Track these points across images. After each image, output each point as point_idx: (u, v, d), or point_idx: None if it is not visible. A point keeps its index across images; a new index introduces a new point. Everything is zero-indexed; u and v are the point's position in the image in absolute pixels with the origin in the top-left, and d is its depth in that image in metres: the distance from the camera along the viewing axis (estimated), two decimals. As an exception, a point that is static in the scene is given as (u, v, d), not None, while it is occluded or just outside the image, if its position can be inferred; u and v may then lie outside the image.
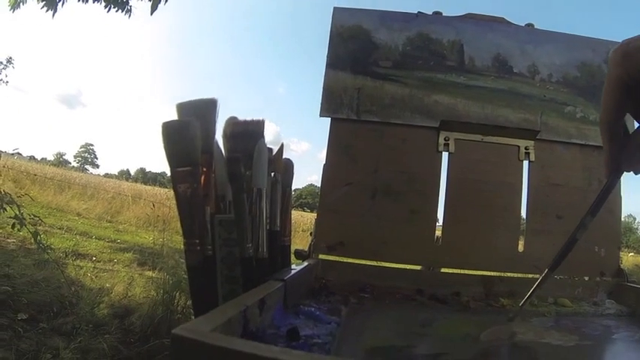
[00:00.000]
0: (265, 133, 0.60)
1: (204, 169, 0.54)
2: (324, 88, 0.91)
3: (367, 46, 0.92)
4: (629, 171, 0.41)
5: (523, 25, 0.92)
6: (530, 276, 0.84)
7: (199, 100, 0.57)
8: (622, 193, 0.86)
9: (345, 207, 0.89)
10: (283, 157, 0.68)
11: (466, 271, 0.87)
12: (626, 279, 0.84)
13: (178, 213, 0.53)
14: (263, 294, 0.45)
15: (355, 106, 0.90)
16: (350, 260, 0.92)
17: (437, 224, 0.88)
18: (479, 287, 0.82)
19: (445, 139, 0.88)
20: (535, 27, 0.92)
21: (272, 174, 0.64)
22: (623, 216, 0.86)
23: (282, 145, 0.65)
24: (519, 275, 0.85)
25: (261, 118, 0.61)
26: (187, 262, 0.54)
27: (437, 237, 0.88)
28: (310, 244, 0.89)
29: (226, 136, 0.61)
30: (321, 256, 0.88)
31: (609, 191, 0.44)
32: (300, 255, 0.86)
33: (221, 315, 0.33)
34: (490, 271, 0.85)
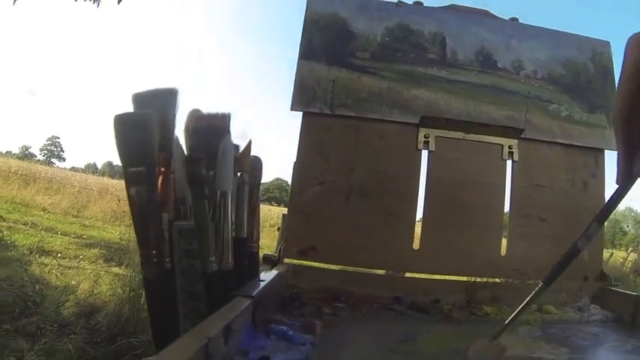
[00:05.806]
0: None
1: (162, 170, 0.47)
2: (295, 80, 0.84)
3: (344, 35, 0.86)
4: None
5: (507, 18, 0.88)
6: (510, 281, 0.80)
7: (157, 90, 0.50)
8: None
9: (317, 209, 0.82)
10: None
11: (446, 277, 0.82)
12: (610, 282, 0.80)
13: (132, 219, 0.46)
14: (229, 318, 0.39)
15: (329, 99, 0.83)
16: (323, 265, 0.86)
17: (415, 227, 0.83)
18: (460, 294, 0.77)
19: (425, 137, 0.82)
20: (520, 21, 0.87)
21: (238, 174, 0.57)
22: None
23: (249, 142, 0.59)
24: (502, 280, 0.80)
25: (227, 112, 0.54)
26: (143, 276, 0.47)
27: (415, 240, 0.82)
28: (280, 248, 0.82)
29: (188, 132, 0.54)
30: (291, 261, 0.82)
31: (621, 198, 0.37)
32: (269, 261, 0.79)
33: (179, 354, 0.27)
34: (471, 276, 0.80)
